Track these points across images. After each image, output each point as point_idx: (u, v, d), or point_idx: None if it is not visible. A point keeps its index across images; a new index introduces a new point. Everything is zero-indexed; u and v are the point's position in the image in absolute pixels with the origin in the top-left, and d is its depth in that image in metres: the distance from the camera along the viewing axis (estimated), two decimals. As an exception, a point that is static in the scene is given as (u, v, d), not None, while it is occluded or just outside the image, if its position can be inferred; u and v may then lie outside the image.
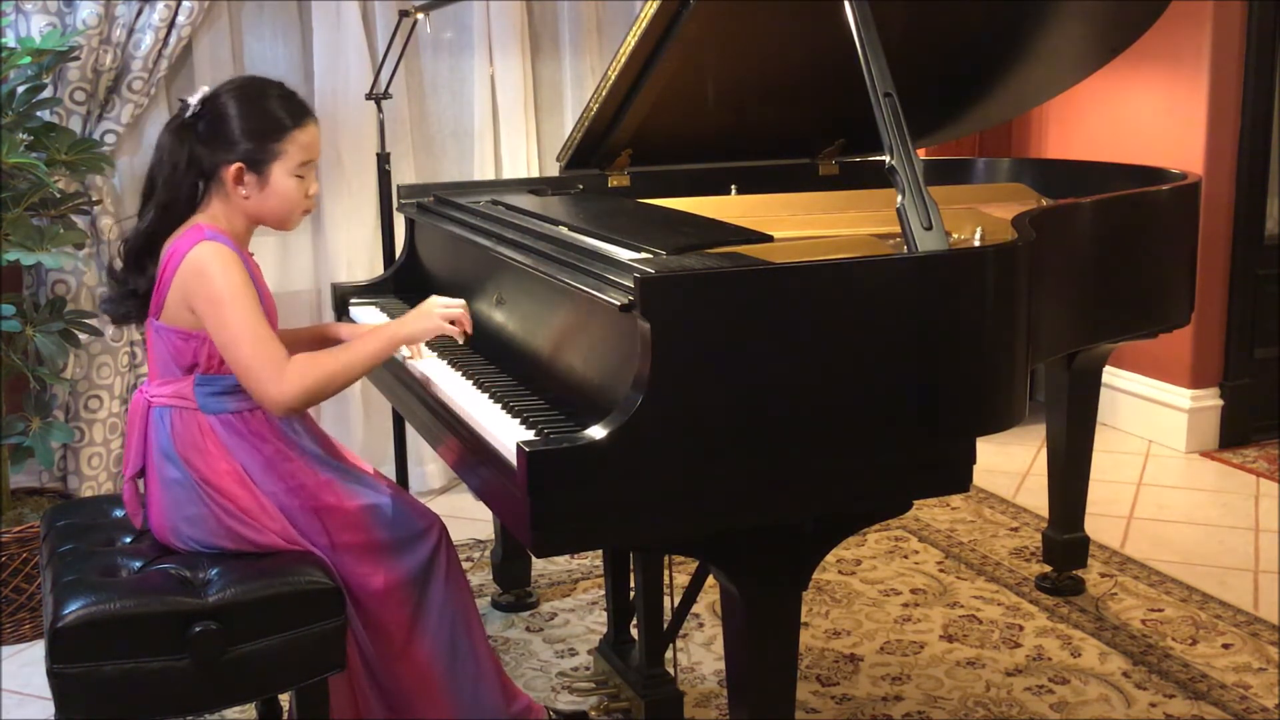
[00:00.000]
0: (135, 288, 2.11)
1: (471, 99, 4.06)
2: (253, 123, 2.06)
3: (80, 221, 3.34)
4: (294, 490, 2.09)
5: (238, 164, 2.06)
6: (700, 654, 2.92)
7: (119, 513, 2.26)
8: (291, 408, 2.02)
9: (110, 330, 3.45)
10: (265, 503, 2.07)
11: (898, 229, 1.92)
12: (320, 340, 2.44)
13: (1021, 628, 3.03)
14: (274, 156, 2.08)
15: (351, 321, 2.81)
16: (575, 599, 3.23)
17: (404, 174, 3.92)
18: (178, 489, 2.07)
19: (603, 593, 3.01)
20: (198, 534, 2.07)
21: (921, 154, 3.24)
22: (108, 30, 3.34)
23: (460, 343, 2.24)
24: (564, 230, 2.26)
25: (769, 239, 2.11)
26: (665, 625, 2.46)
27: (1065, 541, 3.21)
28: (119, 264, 2.14)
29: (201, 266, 2.00)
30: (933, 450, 1.91)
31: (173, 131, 2.09)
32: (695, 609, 3.09)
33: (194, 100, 2.08)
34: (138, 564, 2.07)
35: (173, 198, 2.08)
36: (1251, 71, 4.16)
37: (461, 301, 2.19)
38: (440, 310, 2.16)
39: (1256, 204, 4.30)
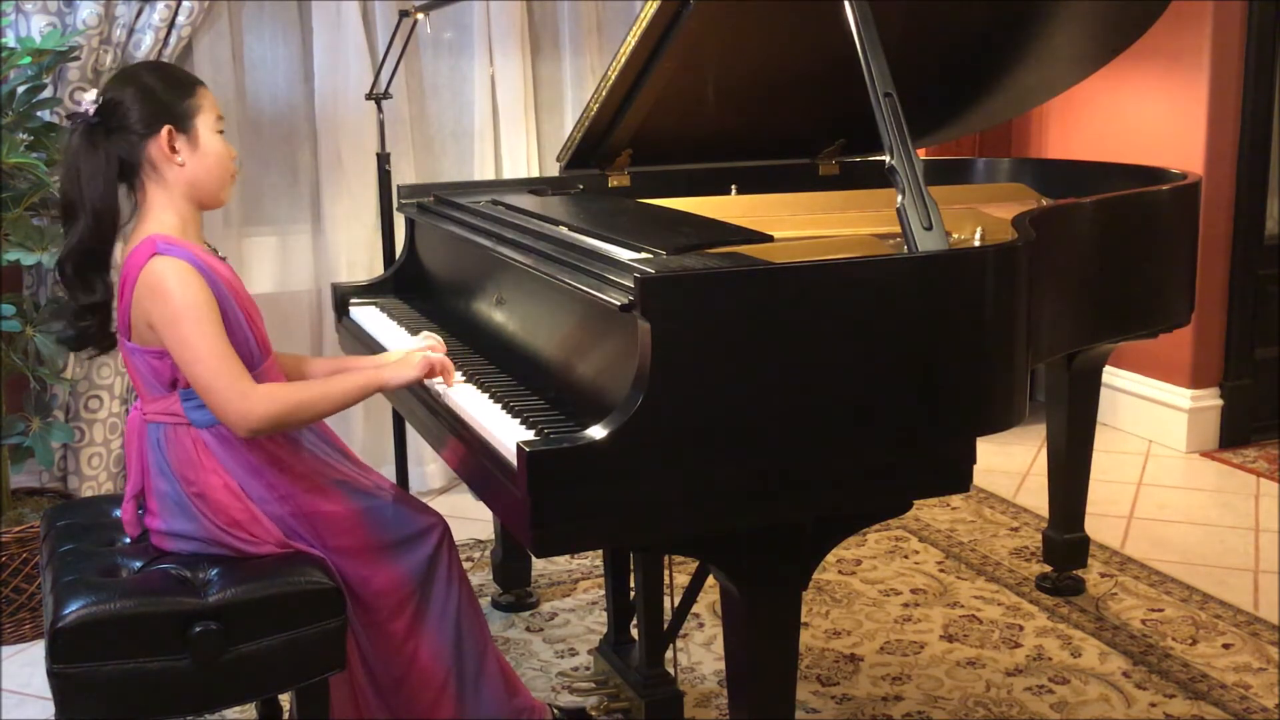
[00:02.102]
0: (88, 304, 2.04)
1: (471, 99, 4.05)
2: (160, 89, 2.03)
3: (80, 221, 3.33)
4: (285, 498, 2.08)
5: (166, 127, 2.01)
6: (700, 654, 2.92)
7: (119, 513, 2.26)
8: (254, 430, 1.98)
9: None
10: (259, 515, 2.06)
11: (898, 229, 1.92)
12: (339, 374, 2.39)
13: (1021, 628, 3.03)
14: (194, 111, 2.05)
15: (354, 324, 2.81)
16: (575, 599, 3.23)
17: (404, 174, 3.91)
18: (172, 505, 2.06)
19: (603, 593, 3.01)
20: (194, 548, 2.07)
21: (921, 154, 3.24)
22: (108, 30, 3.34)
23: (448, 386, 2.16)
24: (564, 230, 2.26)
25: (769, 239, 2.11)
26: (665, 625, 2.46)
27: (1065, 541, 3.21)
28: (63, 293, 2.08)
29: (156, 283, 1.95)
30: (933, 450, 1.91)
31: (80, 138, 2.01)
32: (695, 609, 3.09)
33: (88, 101, 2.01)
34: (138, 564, 2.07)
35: (102, 203, 2.00)
36: (1251, 71, 4.16)
37: (441, 351, 2.16)
38: (420, 361, 2.11)
39: (1256, 204, 4.30)
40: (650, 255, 1.94)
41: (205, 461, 2.05)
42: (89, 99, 2.01)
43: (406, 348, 2.30)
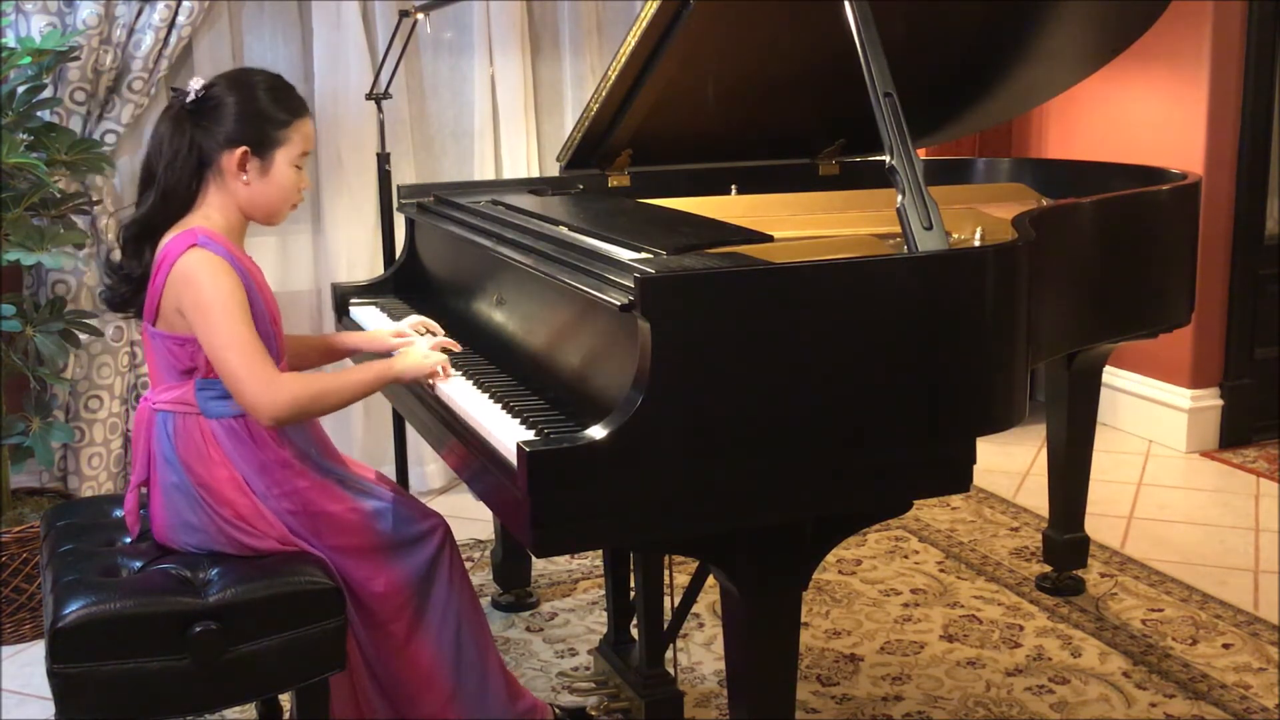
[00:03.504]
0: (130, 272, 2.10)
1: (471, 99, 4.05)
2: (259, 108, 2.07)
3: (80, 221, 3.34)
4: (289, 495, 2.09)
5: (243, 148, 2.06)
6: (700, 654, 2.92)
7: (119, 513, 2.26)
8: (278, 419, 2.01)
9: (110, 330, 3.45)
10: (263, 509, 2.07)
11: (898, 229, 1.92)
12: (326, 350, 2.43)
13: (1021, 628, 3.03)
14: (279, 143, 2.09)
15: (354, 324, 2.81)
16: (575, 599, 3.23)
17: (404, 174, 3.92)
18: (178, 495, 2.07)
19: (603, 593, 3.01)
20: (197, 540, 2.08)
21: (921, 154, 3.24)
22: (108, 30, 3.34)
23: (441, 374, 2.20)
24: (564, 230, 2.26)
25: (769, 239, 2.11)
26: (665, 625, 2.46)
27: (1065, 541, 3.21)
28: (117, 255, 2.14)
29: (190, 273, 1.99)
30: (933, 450, 1.91)
31: (171, 119, 2.08)
32: (695, 609, 3.09)
33: (192, 88, 2.07)
34: (138, 564, 2.07)
35: (173, 186, 2.06)
36: (1251, 71, 4.16)
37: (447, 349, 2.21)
38: (434, 360, 2.16)
39: (1256, 204, 4.30)
40: (650, 255, 1.94)
41: (213, 454, 2.06)
42: (195, 85, 2.07)
43: (389, 328, 2.39)
